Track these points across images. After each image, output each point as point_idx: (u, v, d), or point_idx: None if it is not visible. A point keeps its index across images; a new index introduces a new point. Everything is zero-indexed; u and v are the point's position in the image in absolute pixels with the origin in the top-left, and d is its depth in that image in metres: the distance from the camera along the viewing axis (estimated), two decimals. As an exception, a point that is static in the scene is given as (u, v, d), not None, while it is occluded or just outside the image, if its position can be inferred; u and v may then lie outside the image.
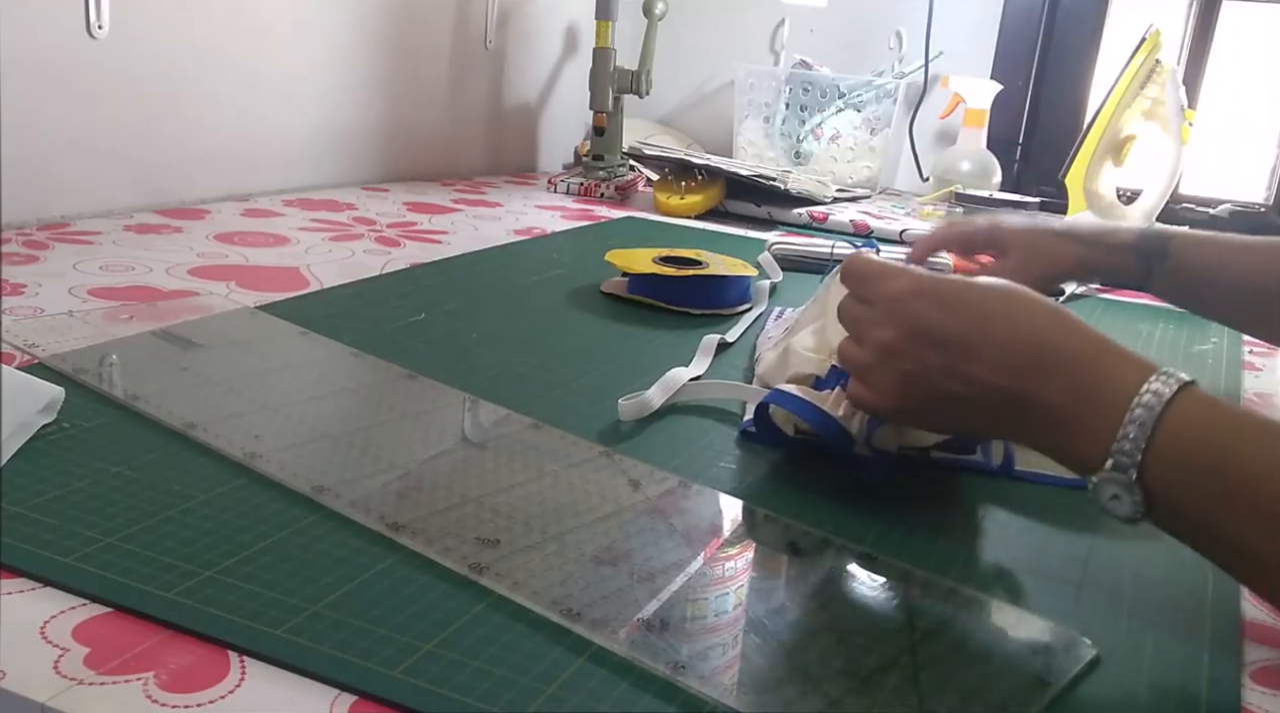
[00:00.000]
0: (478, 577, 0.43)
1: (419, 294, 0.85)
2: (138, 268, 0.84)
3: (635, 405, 0.62)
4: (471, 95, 1.57)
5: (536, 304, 0.87)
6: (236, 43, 1.15)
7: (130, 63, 1.03)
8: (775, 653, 0.40)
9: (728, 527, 0.50)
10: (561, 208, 1.38)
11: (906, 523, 0.52)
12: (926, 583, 0.46)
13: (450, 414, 0.60)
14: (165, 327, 0.69)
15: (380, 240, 1.04)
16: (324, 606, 0.40)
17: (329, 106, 1.30)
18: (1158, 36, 1.41)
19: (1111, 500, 0.44)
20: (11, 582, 0.40)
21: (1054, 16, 1.70)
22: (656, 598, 0.42)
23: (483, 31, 1.55)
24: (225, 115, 1.16)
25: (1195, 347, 0.94)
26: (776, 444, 0.60)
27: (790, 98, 1.71)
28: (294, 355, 0.67)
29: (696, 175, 1.43)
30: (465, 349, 0.73)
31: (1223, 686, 0.41)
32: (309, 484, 0.49)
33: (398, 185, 1.39)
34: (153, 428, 0.54)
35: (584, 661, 0.38)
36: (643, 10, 1.60)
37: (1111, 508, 0.44)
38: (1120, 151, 1.46)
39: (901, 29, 1.76)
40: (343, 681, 0.36)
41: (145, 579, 0.40)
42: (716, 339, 0.78)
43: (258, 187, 1.22)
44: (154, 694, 0.34)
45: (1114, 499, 0.44)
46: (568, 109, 1.79)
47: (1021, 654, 0.41)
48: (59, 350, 0.62)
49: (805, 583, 0.45)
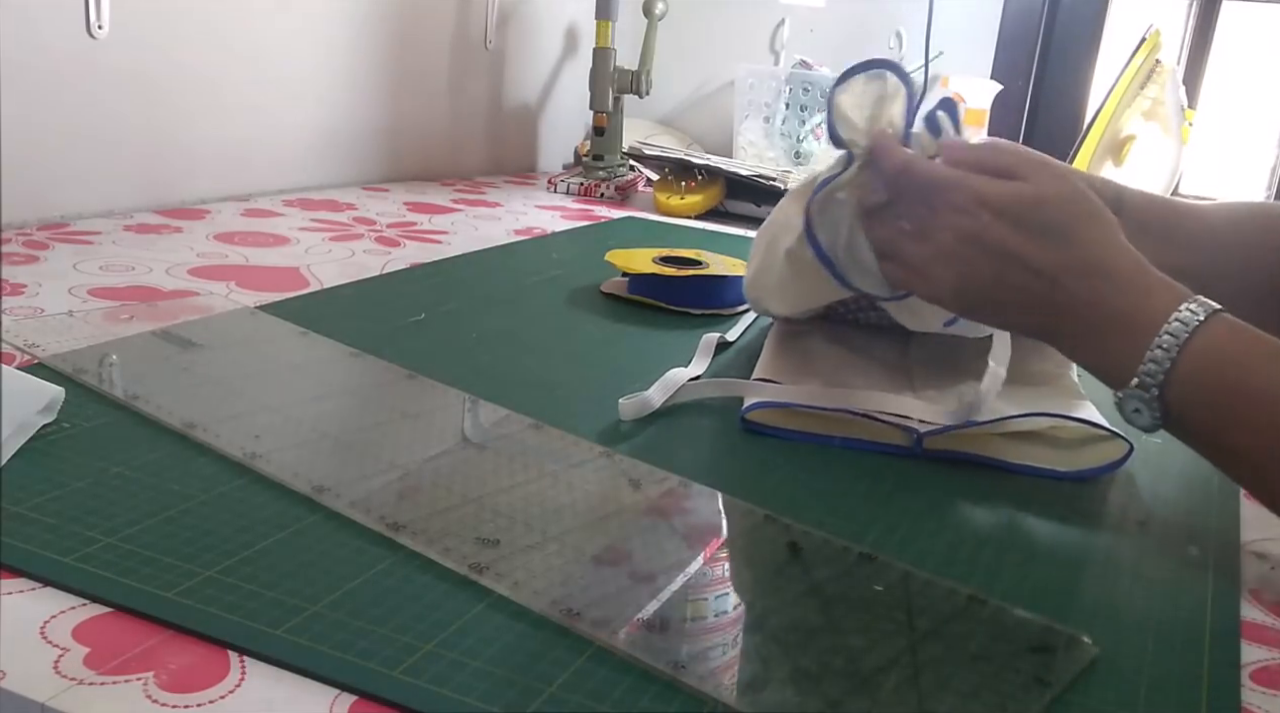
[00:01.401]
0: (478, 577, 0.43)
1: (419, 294, 0.85)
2: (138, 268, 0.84)
3: (635, 405, 0.62)
4: (471, 95, 1.57)
5: (536, 304, 0.87)
6: (236, 43, 1.15)
7: (130, 63, 1.03)
8: (775, 653, 0.40)
9: (728, 527, 0.50)
10: (561, 208, 1.38)
11: (906, 523, 0.52)
12: (926, 583, 0.46)
13: (450, 414, 0.60)
14: (165, 327, 0.69)
15: (380, 240, 1.04)
16: (324, 606, 0.40)
17: (329, 106, 1.30)
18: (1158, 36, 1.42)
19: (1134, 413, 0.49)
20: (11, 582, 0.40)
21: (1054, 16, 1.70)
22: (656, 598, 0.42)
23: (483, 31, 1.55)
24: (225, 115, 1.16)
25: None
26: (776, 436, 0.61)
27: (790, 98, 1.71)
28: (294, 355, 0.67)
29: (696, 175, 1.43)
30: (465, 349, 0.73)
31: (1223, 685, 0.41)
32: (309, 484, 0.49)
33: (398, 185, 1.39)
34: (153, 428, 0.54)
35: (584, 661, 0.38)
36: (643, 10, 1.60)
37: (1133, 419, 0.50)
38: (1120, 151, 1.46)
39: (901, 29, 1.76)
40: (343, 681, 0.36)
41: (145, 579, 0.40)
42: (716, 338, 0.78)
43: (258, 187, 1.22)
44: (154, 694, 0.34)
45: (1136, 412, 0.49)
46: (568, 109, 1.79)
47: (1021, 654, 0.41)
48: (59, 350, 0.62)
49: (805, 583, 0.45)
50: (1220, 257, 0.71)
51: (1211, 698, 0.40)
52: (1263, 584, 0.50)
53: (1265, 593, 0.49)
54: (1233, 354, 0.48)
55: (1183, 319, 0.48)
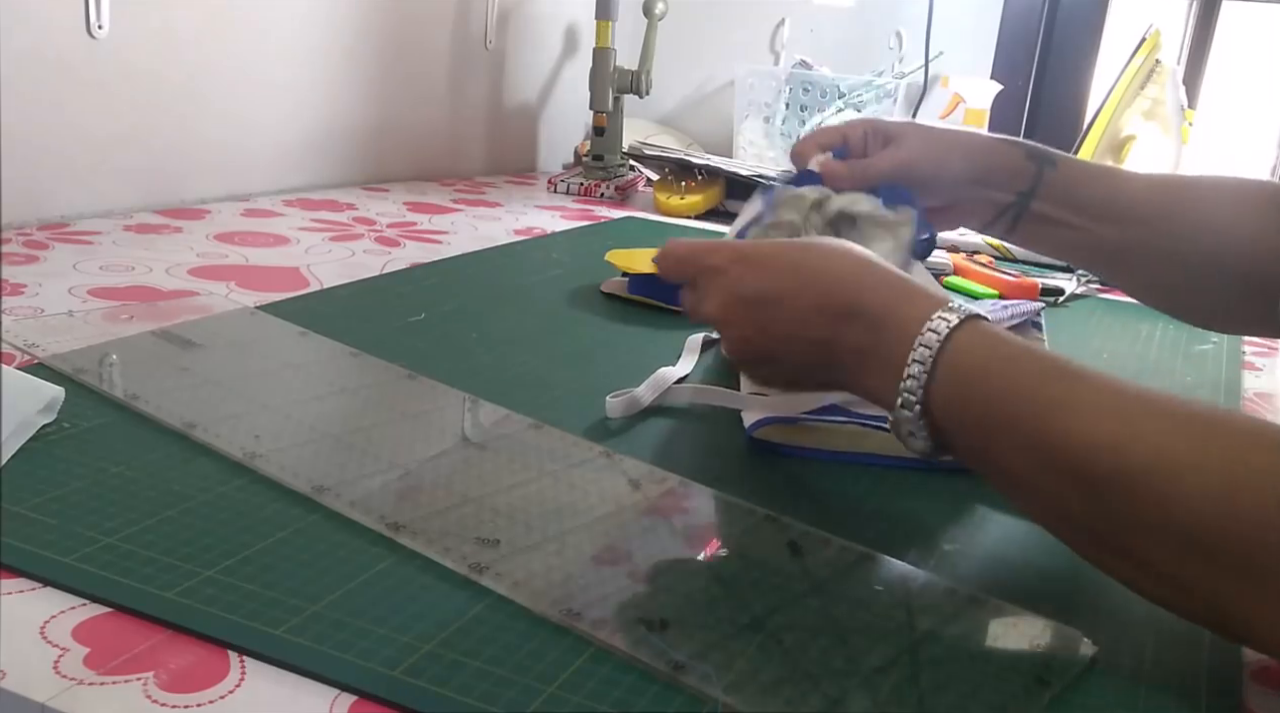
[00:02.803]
0: (478, 577, 0.43)
1: (419, 294, 0.85)
2: (138, 268, 0.84)
3: (624, 403, 0.62)
4: (471, 95, 1.57)
5: (536, 304, 0.87)
6: (236, 43, 1.15)
7: (130, 63, 1.03)
8: (775, 653, 0.40)
9: (728, 527, 0.50)
10: (561, 208, 1.38)
11: (906, 523, 0.52)
12: (926, 583, 0.46)
13: (450, 414, 0.60)
14: (165, 327, 0.69)
15: (380, 240, 1.04)
16: (324, 606, 0.40)
17: (329, 106, 1.30)
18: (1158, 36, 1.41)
19: (909, 436, 0.46)
20: (11, 582, 0.40)
21: (1054, 16, 1.70)
22: (656, 598, 0.42)
23: (483, 31, 1.55)
24: (225, 115, 1.16)
25: (1195, 347, 0.94)
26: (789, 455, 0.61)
27: (790, 98, 1.71)
28: (294, 355, 0.67)
29: (696, 175, 1.43)
30: (465, 349, 0.73)
31: (1223, 686, 0.41)
32: (309, 484, 0.49)
33: (398, 185, 1.39)
34: (153, 428, 0.54)
35: (584, 661, 0.38)
36: (643, 10, 1.59)
37: (910, 444, 0.46)
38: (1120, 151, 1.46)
39: (901, 29, 1.76)
40: (343, 681, 0.36)
41: (145, 579, 0.40)
42: (701, 337, 0.78)
43: (258, 187, 1.22)
44: (154, 694, 0.34)
45: (910, 435, 0.46)
46: (568, 109, 1.79)
47: (1021, 654, 0.41)
48: (59, 350, 0.62)
49: (805, 583, 0.45)
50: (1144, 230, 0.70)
51: (1211, 698, 0.40)
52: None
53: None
54: (981, 358, 0.44)
55: (935, 328, 0.44)
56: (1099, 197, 0.72)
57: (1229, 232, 0.69)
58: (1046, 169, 0.72)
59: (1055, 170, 0.72)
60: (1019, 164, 0.72)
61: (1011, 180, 0.72)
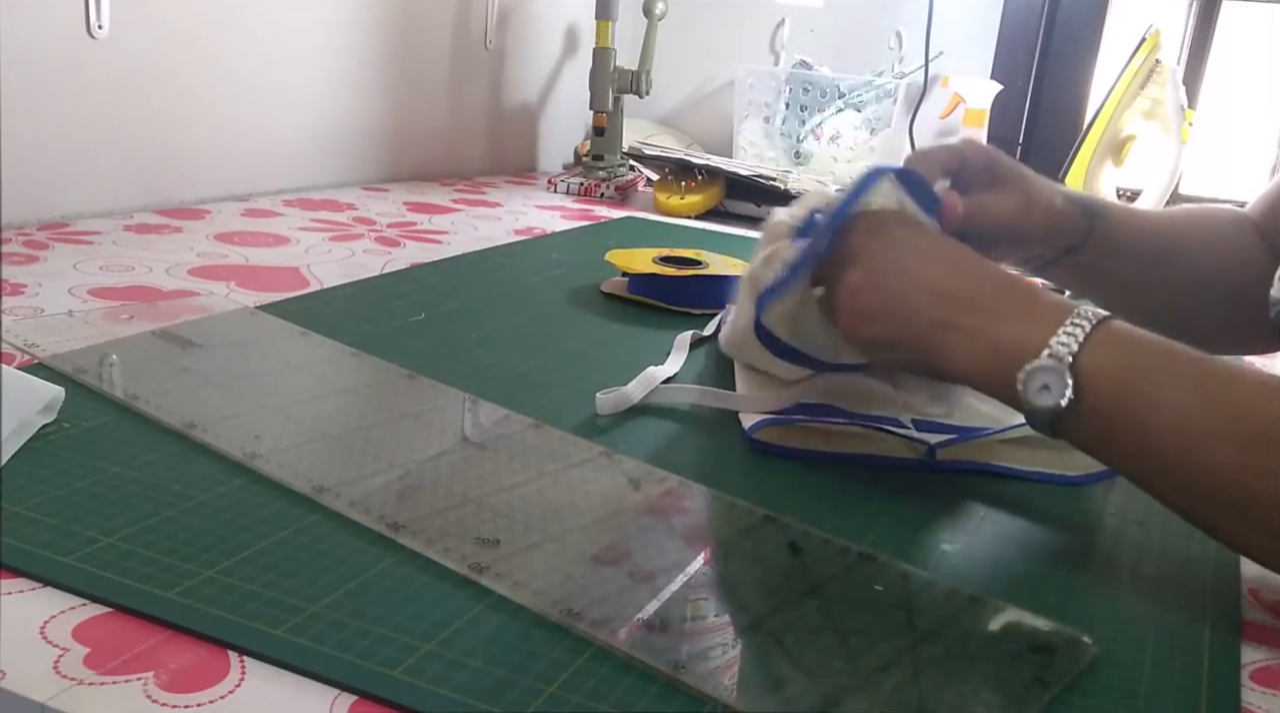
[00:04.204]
0: (478, 577, 0.43)
1: (419, 294, 0.85)
2: (138, 268, 0.84)
3: (613, 400, 0.62)
4: (471, 95, 1.57)
5: (536, 304, 0.87)
6: (237, 43, 1.15)
7: (130, 63, 1.03)
8: (775, 653, 0.40)
9: (728, 527, 0.50)
10: (561, 208, 1.38)
11: (906, 523, 0.52)
12: (926, 583, 0.46)
13: (450, 414, 0.60)
14: (165, 327, 0.69)
15: (380, 240, 1.04)
16: (324, 606, 0.40)
17: (329, 106, 1.30)
18: (1158, 36, 1.41)
19: (1039, 392, 0.48)
20: (11, 582, 0.40)
21: (1054, 16, 1.70)
22: (656, 598, 0.42)
23: (483, 31, 1.55)
24: (225, 115, 1.16)
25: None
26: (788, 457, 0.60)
27: (790, 98, 1.71)
28: (294, 355, 0.67)
29: (696, 175, 1.43)
30: (465, 349, 0.73)
31: (1223, 686, 0.41)
32: (309, 484, 0.49)
33: (398, 185, 1.39)
34: (153, 428, 0.54)
35: (584, 661, 0.38)
36: (643, 10, 1.60)
37: (1035, 400, 0.48)
38: (1120, 151, 1.46)
39: (901, 29, 1.76)
40: (343, 681, 0.36)
41: (145, 579, 0.40)
42: (689, 335, 0.78)
43: (258, 187, 1.22)
44: (154, 694, 0.34)
45: (1043, 389, 0.48)
46: (568, 109, 1.79)
47: (1021, 654, 0.41)
48: (59, 350, 0.62)
49: (805, 583, 0.45)
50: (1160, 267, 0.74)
51: (1211, 698, 0.40)
52: (1262, 584, 0.50)
53: (1265, 593, 0.49)
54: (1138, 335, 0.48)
55: (1083, 313, 0.49)
56: (1134, 242, 0.75)
57: (1220, 262, 0.74)
58: (1098, 225, 0.74)
59: (1105, 225, 0.74)
60: (1076, 224, 0.74)
61: (1064, 238, 0.74)
